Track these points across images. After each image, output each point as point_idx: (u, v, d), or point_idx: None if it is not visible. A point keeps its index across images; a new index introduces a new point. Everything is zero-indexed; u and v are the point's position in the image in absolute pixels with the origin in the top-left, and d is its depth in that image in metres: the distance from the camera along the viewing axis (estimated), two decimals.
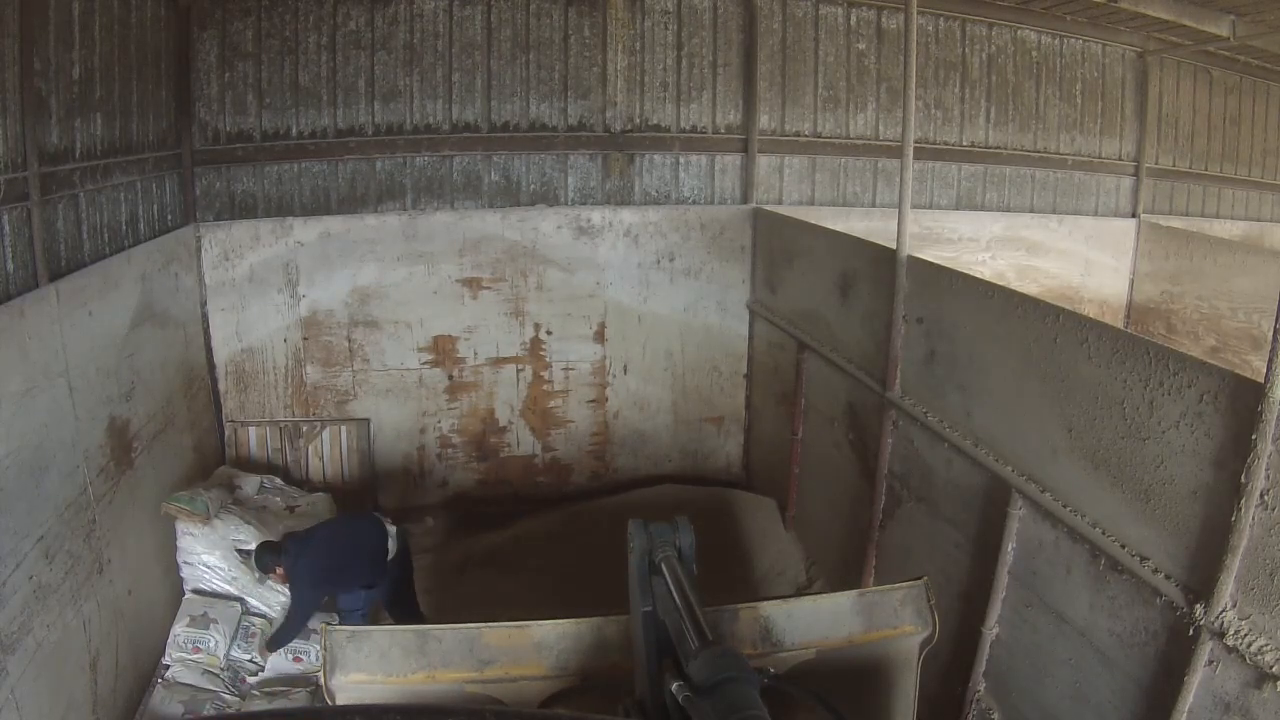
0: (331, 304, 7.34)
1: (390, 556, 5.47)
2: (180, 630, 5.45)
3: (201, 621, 5.50)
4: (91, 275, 4.91)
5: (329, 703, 2.91)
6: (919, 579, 3.34)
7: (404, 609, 5.69)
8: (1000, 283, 4.85)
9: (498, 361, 7.77)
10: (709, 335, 8.07)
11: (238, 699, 5.29)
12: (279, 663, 5.55)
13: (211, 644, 5.43)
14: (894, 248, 5.14)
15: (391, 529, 5.56)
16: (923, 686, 3.39)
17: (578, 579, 5.72)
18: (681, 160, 7.94)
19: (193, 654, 5.39)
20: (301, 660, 5.58)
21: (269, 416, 7.36)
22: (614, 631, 2.97)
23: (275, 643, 5.46)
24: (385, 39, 7.14)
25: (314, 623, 5.47)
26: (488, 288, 7.60)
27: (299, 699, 5.29)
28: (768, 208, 7.88)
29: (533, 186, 7.68)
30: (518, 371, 7.85)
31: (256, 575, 5.60)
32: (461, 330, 7.63)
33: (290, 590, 5.36)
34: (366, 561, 5.40)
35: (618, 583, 2.87)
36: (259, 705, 5.24)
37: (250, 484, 6.67)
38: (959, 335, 4.63)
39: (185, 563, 5.71)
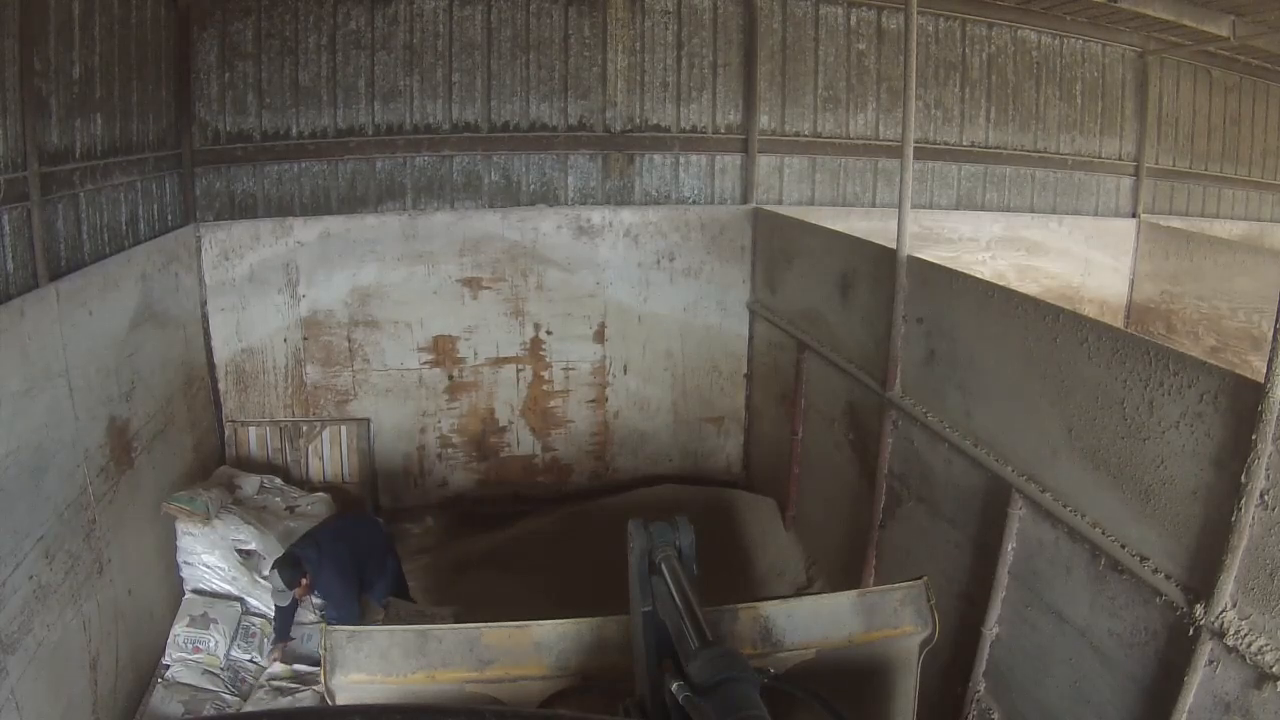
0: (331, 304, 7.34)
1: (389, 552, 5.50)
2: (180, 630, 5.46)
3: (201, 621, 5.50)
4: (91, 275, 4.90)
5: (329, 703, 2.91)
6: (919, 579, 3.34)
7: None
8: (1000, 283, 4.85)
9: (498, 361, 7.77)
10: (709, 335, 8.07)
11: (238, 699, 5.29)
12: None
13: (211, 644, 5.43)
14: (894, 248, 5.14)
15: (380, 521, 5.58)
16: (923, 686, 3.39)
17: (578, 579, 5.71)
18: (681, 160, 7.94)
19: (193, 654, 5.39)
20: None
21: (269, 416, 7.36)
22: (614, 631, 2.97)
23: None
24: (385, 39, 7.14)
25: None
26: (488, 288, 7.59)
27: (305, 699, 5.29)
28: (768, 208, 7.88)
29: (533, 186, 7.68)
30: (518, 371, 7.85)
31: (276, 587, 5.18)
32: (461, 330, 7.63)
33: (322, 594, 5.31)
34: (374, 564, 5.43)
35: (618, 583, 2.87)
36: (264, 702, 5.24)
37: (250, 484, 6.67)
38: (959, 335, 4.63)
39: (185, 563, 5.71)
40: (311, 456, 7.45)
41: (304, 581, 5.08)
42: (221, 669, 5.41)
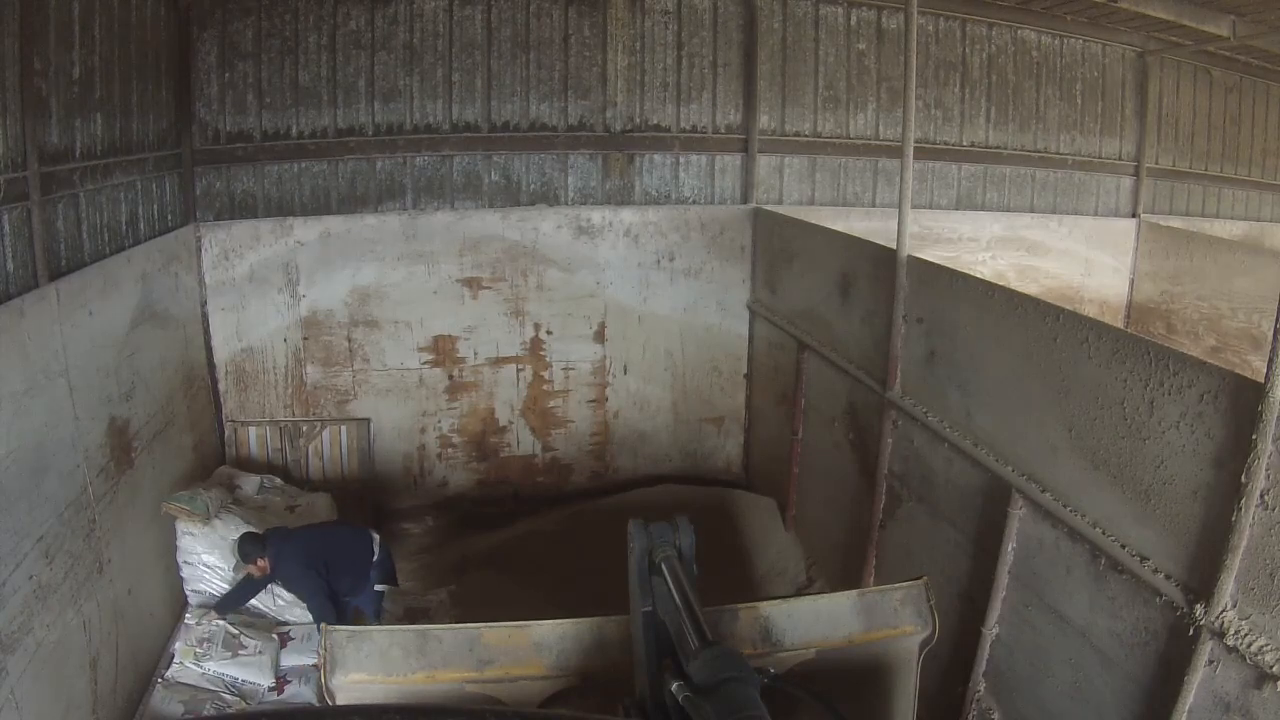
0: (331, 304, 7.33)
1: (374, 564, 5.45)
2: (182, 629, 5.45)
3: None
4: (91, 275, 4.90)
5: (329, 703, 2.90)
6: (919, 579, 3.34)
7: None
8: (1000, 283, 4.85)
9: (498, 361, 7.77)
10: (709, 335, 8.07)
11: (238, 699, 5.29)
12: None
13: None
14: (894, 248, 5.14)
15: (376, 537, 5.54)
16: (923, 686, 3.39)
17: (578, 579, 5.71)
18: (681, 160, 7.94)
19: None
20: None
21: (269, 416, 7.36)
22: (614, 631, 2.97)
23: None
24: (385, 39, 7.14)
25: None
26: (488, 287, 7.59)
27: None
28: (768, 208, 7.88)
29: (533, 186, 7.68)
30: (518, 371, 7.85)
31: (234, 563, 5.53)
32: (461, 330, 7.63)
33: (285, 584, 5.40)
34: (349, 571, 5.40)
35: (618, 583, 2.87)
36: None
37: (250, 484, 6.67)
38: (959, 335, 4.63)
39: (185, 563, 5.71)
40: (311, 456, 7.45)
41: (259, 562, 5.17)
42: None
